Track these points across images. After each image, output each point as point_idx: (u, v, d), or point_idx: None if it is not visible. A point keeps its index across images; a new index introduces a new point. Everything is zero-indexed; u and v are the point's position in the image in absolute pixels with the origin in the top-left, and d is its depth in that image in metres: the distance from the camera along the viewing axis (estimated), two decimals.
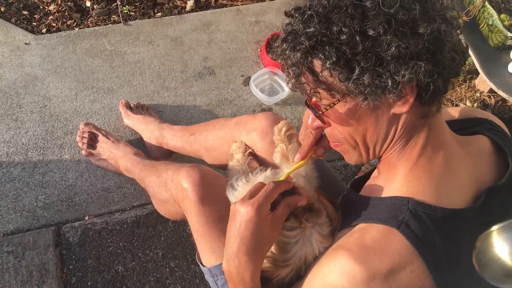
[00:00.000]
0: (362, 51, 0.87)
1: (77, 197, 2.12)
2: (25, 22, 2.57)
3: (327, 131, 1.12)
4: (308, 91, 1.01)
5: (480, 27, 2.34)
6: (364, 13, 0.86)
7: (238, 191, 1.44)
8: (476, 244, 0.70)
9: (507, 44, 2.26)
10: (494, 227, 0.66)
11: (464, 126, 1.19)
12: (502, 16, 2.23)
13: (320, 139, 1.25)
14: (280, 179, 1.15)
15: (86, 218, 2.08)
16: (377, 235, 0.95)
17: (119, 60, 2.51)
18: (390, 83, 0.88)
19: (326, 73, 0.93)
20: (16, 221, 2.03)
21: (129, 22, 2.64)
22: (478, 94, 2.50)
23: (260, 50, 2.64)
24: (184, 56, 2.58)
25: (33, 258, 1.94)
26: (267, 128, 1.61)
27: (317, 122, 1.10)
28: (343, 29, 0.86)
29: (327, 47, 0.89)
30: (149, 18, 2.69)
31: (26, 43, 2.47)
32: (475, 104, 2.39)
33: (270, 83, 2.54)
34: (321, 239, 1.12)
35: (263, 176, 1.43)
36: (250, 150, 1.64)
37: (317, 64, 0.94)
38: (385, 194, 1.05)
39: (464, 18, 2.29)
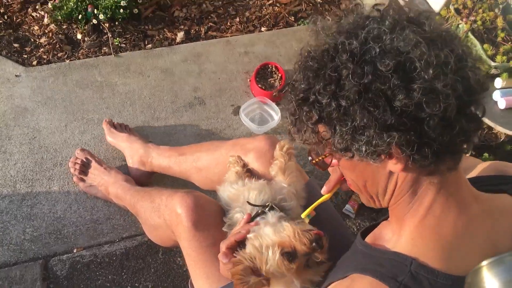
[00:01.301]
0: (337, 117, 0.87)
1: (66, 229, 2.09)
2: (15, 55, 2.59)
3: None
4: (303, 141, 1.02)
5: None
6: (339, 80, 0.86)
7: (233, 193, 1.47)
8: (466, 279, 0.70)
9: (491, 73, 2.31)
10: (484, 262, 0.66)
11: (493, 183, 1.13)
12: (485, 46, 2.29)
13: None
14: (305, 213, 1.26)
15: (75, 250, 2.05)
16: None
17: (109, 91, 2.52)
18: (364, 149, 0.87)
19: (313, 128, 0.95)
20: (2, 255, 1.99)
21: (119, 53, 2.67)
22: None
23: (250, 80, 2.67)
24: (174, 87, 2.60)
25: None
26: (265, 149, 1.63)
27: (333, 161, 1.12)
28: (321, 92, 0.88)
29: (308, 107, 0.92)
30: (139, 49, 2.72)
31: (16, 75, 2.48)
32: None
33: (260, 112, 2.56)
34: None
35: (259, 183, 1.47)
36: (248, 167, 1.66)
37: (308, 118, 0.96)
38: (389, 247, 1.03)
39: None
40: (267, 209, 1.37)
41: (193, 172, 1.92)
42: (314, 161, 1.07)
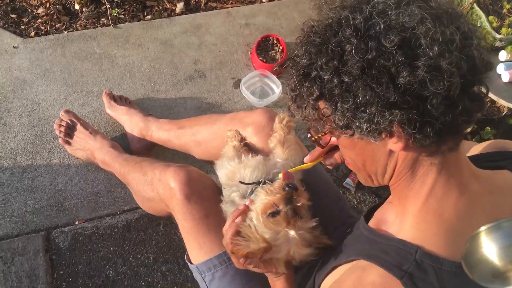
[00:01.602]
0: (339, 93, 0.86)
1: (67, 202, 2.10)
2: (13, 26, 2.55)
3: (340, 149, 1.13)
4: (303, 117, 1.01)
5: None
6: (342, 56, 0.85)
7: (229, 170, 1.47)
8: (465, 245, 0.70)
9: (496, 45, 2.27)
10: (482, 228, 0.67)
11: (491, 159, 1.13)
12: (491, 18, 2.25)
13: (334, 150, 1.27)
14: (288, 170, 1.26)
15: (76, 223, 2.07)
16: (378, 281, 0.92)
17: (108, 63, 2.50)
18: (365, 127, 0.86)
19: (315, 103, 0.95)
20: (5, 227, 2.01)
21: (118, 25, 2.63)
22: None
23: (251, 53, 2.63)
24: (174, 59, 2.57)
25: (23, 264, 1.92)
26: (264, 123, 1.62)
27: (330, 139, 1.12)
28: (323, 67, 0.86)
29: (310, 82, 0.91)
30: (138, 21, 2.68)
31: (14, 47, 2.45)
32: None
33: (261, 85, 2.54)
34: (301, 247, 1.19)
35: (255, 160, 1.47)
36: (246, 141, 1.66)
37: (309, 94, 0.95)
38: (394, 233, 1.02)
39: None
40: (260, 185, 1.37)
41: (192, 145, 1.91)
42: (313, 138, 1.07)
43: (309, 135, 1.09)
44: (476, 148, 1.25)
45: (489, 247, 0.66)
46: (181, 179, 1.49)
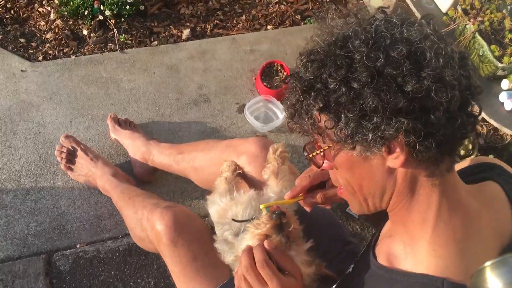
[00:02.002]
0: (346, 102, 0.86)
1: (69, 225, 2.10)
2: (21, 50, 2.60)
3: (331, 173, 1.11)
4: (302, 133, 1.01)
5: (471, 57, 2.38)
6: (351, 65, 0.86)
7: (221, 207, 1.46)
8: (470, 280, 0.69)
9: (498, 74, 2.29)
10: (487, 263, 0.66)
11: (473, 172, 1.14)
12: (492, 47, 2.27)
13: (314, 189, 1.26)
14: (264, 204, 1.21)
15: (78, 246, 2.06)
16: None
17: (114, 87, 2.53)
18: (370, 136, 0.87)
19: (316, 117, 0.94)
20: (6, 249, 2.00)
21: (125, 50, 2.67)
22: None
23: (255, 78, 2.66)
24: (180, 84, 2.60)
25: (23, 287, 1.91)
26: (257, 152, 1.62)
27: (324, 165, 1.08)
28: (330, 78, 0.87)
29: (315, 93, 0.91)
30: (145, 46, 2.72)
31: (22, 70, 2.49)
32: None
33: (265, 110, 2.56)
34: (304, 267, 1.17)
35: (247, 196, 1.45)
36: (240, 171, 1.65)
37: (310, 107, 0.95)
38: (412, 268, 0.98)
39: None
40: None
41: (190, 171, 1.93)
42: (309, 156, 1.04)
43: (305, 153, 1.06)
44: (456, 166, 1.26)
45: (494, 283, 0.65)
46: (167, 223, 1.47)
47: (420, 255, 0.97)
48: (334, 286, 1.26)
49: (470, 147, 2.34)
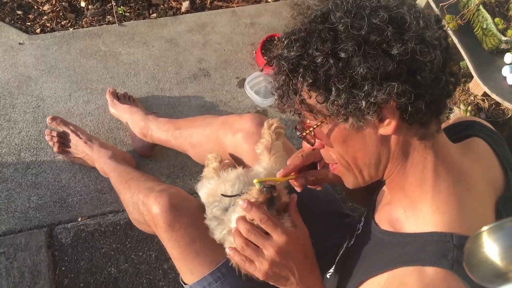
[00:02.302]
0: (336, 73, 0.88)
1: (70, 198, 2.11)
2: (19, 22, 2.56)
3: (322, 152, 1.11)
4: (293, 112, 1.03)
5: (475, 30, 2.35)
6: (336, 36, 0.88)
7: (209, 188, 1.45)
8: (466, 245, 0.69)
9: (501, 47, 2.27)
10: (484, 228, 0.66)
11: (456, 131, 1.17)
12: (496, 20, 2.24)
13: (307, 169, 1.27)
14: (257, 179, 1.19)
15: (79, 219, 2.07)
16: (436, 278, 0.89)
17: (113, 61, 2.50)
18: (363, 104, 0.88)
19: (305, 95, 0.95)
20: (8, 222, 2.02)
21: (123, 23, 2.64)
22: (472, 98, 2.51)
23: (255, 52, 2.63)
24: (179, 58, 2.57)
25: (25, 260, 1.93)
26: (253, 129, 1.61)
27: (311, 145, 1.09)
28: (317, 52, 0.89)
29: (303, 70, 0.92)
30: (144, 19, 2.69)
31: (20, 43, 2.46)
32: (469, 107, 2.40)
33: (265, 85, 2.54)
34: None
35: (235, 173, 1.45)
36: (226, 160, 1.64)
37: (298, 84, 0.96)
38: (418, 228, 0.99)
39: (459, 21, 2.30)
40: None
41: (188, 147, 1.92)
42: (303, 135, 1.05)
43: (298, 132, 1.07)
44: None
45: (491, 247, 0.65)
46: (162, 207, 1.45)
47: (423, 215, 0.99)
48: (338, 258, 1.27)
49: None
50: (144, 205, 1.52)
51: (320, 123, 0.98)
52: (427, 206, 0.98)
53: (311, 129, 1.01)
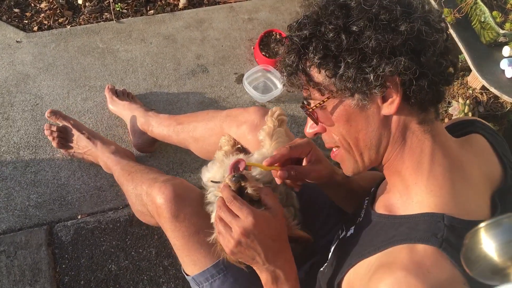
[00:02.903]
0: (347, 46, 0.94)
1: (70, 196, 2.11)
2: (16, 20, 2.56)
3: (324, 136, 1.13)
4: (300, 89, 1.06)
5: (472, 24, 2.34)
6: (348, 12, 0.95)
7: (211, 173, 1.46)
8: (464, 241, 0.70)
9: (499, 41, 2.26)
10: (482, 224, 0.67)
11: (456, 129, 1.20)
12: (494, 13, 2.23)
13: (294, 164, 1.29)
14: (250, 163, 1.23)
15: (79, 217, 2.07)
16: (424, 254, 0.92)
17: (111, 58, 2.50)
18: (372, 76, 0.93)
19: (314, 70, 1.00)
20: (8, 220, 2.02)
21: (121, 19, 2.63)
22: (470, 91, 2.51)
23: (253, 48, 2.63)
24: (177, 54, 2.57)
25: (26, 258, 1.93)
26: (257, 121, 1.62)
27: (314, 129, 1.12)
28: (329, 26, 0.95)
29: (315, 45, 0.97)
30: (141, 15, 2.68)
31: (17, 41, 2.46)
32: (468, 101, 2.40)
33: (264, 80, 2.54)
34: None
35: (235, 157, 1.46)
36: (239, 146, 1.65)
37: (308, 62, 1.01)
38: (411, 210, 1.02)
39: (457, 15, 2.29)
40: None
41: (190, 141, 1.92)
42: (309, 110, 1.07)
43: (304, 109, 1.09)
44: None
45: (488, 244, 0.66)
46: (167, 197, 1.45)
47: (417, 197, 1.02)
48: (333, 248, 1.27)
49: (470, 115, 2.33)
50: (148, 195, 1.52)
51: (326, 99, 1.02)
52: (422, 189, 1.02)
53: (317, 104, 1.03)
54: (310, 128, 1.13)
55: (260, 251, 1.11)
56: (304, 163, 1.31)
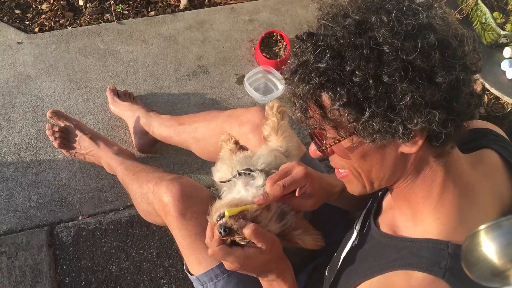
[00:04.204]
0: (375, 96, 0.83)
1: (71, 197, 2.11)
2: (17, 21, 2.56)
3: (331, 158, 1.07)
4: (314, 126, 0.97)
5: (473, 25, 2.35)
6: (380, 57, 0.82)
7: (220, 172, 1.46)
8: (464, 243, 0.70)
9: (500, 42, 2.27)
10: (482, 226, 0.66)
11: (468, 140, 1.13)
12: (495, 14, 2.24)
13: (290, 196, 1.25)
14: (229, 210, 1.15)
15: (80, 218, 2.08)
16: (422, 283, 0.90)
17: (112, 59, 2.50)
18: (401, 129, 0.85)
19: (333, 111, 0.88)
20: (9, 221, 2.02)
21: (122, 21, 2.63)
22: None
23: (254, 49, 2.63)
24: (178, 55, 2.57)
25: (27, 259, 1.94)
26: (258, 121, 1.62)
27: (320, 154, 1.06)
28: (357, 71, 0.83)
29: (338, 88, 0.85)
30: (142, 16, 2.68)
31: (18, 42, 2.46)
32: None
33: (264, 81, 2.54)
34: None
35: (242, 156, 1.47)
36: (241, 144, 1.66)
37: (326, 99, 0.89)
38: (416, 235, 1.00)
39: (457, 16, 2.30)
40: (235, 178, 1.37)
41: (191, 142, 1.92)
42: (322, 148, 1.00)
43: (315, 144, 1.02)
44: None
45: (488, 246, 0.65)
46: (174, 195, 1.43)
47: (423, 224, 0.99)
48: (342, 257, 1.27)
49: None
50: (155, 194, 1.51)
51: (342, 139, 0.93)
52: (428, 217, 0.98)
53: (331, 143, 0.96)
54: (315, 151, 1.05)
55: (251, 273, 1.19)
56: (296, 193, 1.26)
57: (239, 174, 1.36)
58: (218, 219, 1.15)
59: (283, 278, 1.20)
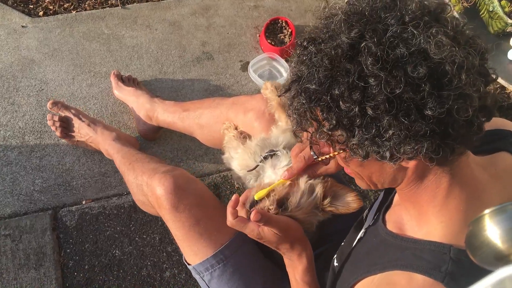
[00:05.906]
0: (361, 124, 0.82)
1: (74, 181, 2.12)
2: (22, 5, 2.55)
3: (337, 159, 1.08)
4: (309, 139, 0.99)
5: (481, 13, 2.32)
6: (365, 89, 0.80)
7: (237, 159, 1.51)
8: (468, 227, 0.70)
9: (507, 30, 2.24)
10: (486, 211, 0.66)
11: (487, 140, 1.10)
12: (503, 2, 2.21)
13: (312, 164, 1.27)
14: (258, 194, 1.23)
15: (83, 202, 2.08)
16: (422, 286, 0.90)
17: (116, 44, 2.49)
18: (388, 156, 0.84)
19: (326, 127, 0.89)
20: (13, 205, 2.03)
21: (126, 5, 2.62)
22: None
23: (259, 35, 2.61)
24: (182, 41, 2.56)
25: (30, 242, 1.95)
26: (263, 108, 1.62)
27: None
28: (341, 98, 0.82)
29: (324, 108, 0.86)
30: (147, 1, 2.67)
31: (23, 26, 2.45)
32: None
33: (269, 68, 2.53)
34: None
35: (256, 141, 1.50)
36: (240, 130, 1.67)
37: (320, 115, 0.89)
38: (420, 235, 1.00)
39: (465, 4, 2.27)
40: (263, 162, 1.42)
41: (196, 128, 1.92)
42: (318, 159, 1.04)
43: (313, 155, 1.06)
44: None
45: (492, 230, 0.65)
46: (167, 188, 1.44)
47: (426, 226, 0.99)
48: (349, 251, 1.28)
49: None
50: (148, 186, 1.52)
51: (337, 153, 0.97)
52: (432, 220, 0.98)
53: (327, 156, 0.99)
54: (311, 157, 1.09)
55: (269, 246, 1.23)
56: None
57: (265, 158, 1.37)
58: (250, 209, 1.22)
59: (299, 258, 1.23)
